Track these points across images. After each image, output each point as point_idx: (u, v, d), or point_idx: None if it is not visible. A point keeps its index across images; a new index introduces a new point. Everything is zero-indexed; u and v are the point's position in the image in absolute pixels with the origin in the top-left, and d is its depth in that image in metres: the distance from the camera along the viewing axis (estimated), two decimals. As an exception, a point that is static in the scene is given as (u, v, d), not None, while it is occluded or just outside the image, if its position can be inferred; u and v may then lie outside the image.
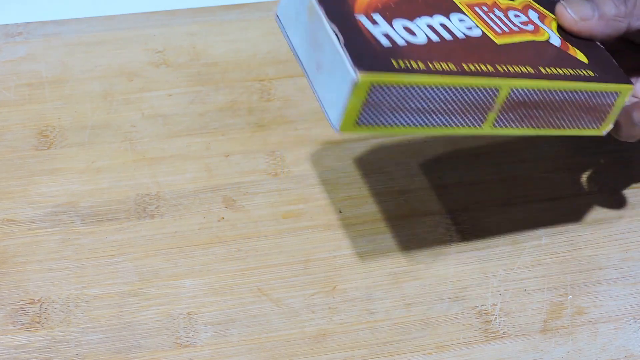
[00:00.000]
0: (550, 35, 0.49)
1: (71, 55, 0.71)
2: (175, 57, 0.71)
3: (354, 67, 0.41)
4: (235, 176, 0.62)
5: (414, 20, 0.45)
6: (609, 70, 0.49)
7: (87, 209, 0.59)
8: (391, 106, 0.43)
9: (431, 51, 0.44)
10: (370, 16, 0.44)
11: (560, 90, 0.47)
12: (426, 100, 0.43)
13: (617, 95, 0.48)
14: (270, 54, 0.72)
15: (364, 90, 0.41)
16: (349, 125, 0.42)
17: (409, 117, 0.44)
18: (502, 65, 0.45)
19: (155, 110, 0.67)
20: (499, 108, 0.46)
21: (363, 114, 0.42)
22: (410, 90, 0.43)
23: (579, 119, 0.49)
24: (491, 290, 0.55)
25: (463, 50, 0.45)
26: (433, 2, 0.47)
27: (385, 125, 0.43)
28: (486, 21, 0.48)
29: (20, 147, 0.63)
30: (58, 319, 0.53)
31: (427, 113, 0.44)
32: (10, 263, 0.56)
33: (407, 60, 0.43)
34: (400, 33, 0.44)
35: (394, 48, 0.43)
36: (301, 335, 0.53)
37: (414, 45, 0.44)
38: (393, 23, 0.44)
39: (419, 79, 0.42)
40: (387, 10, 0.45)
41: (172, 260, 0.56)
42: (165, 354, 0.51)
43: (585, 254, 0.57)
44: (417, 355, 0.52)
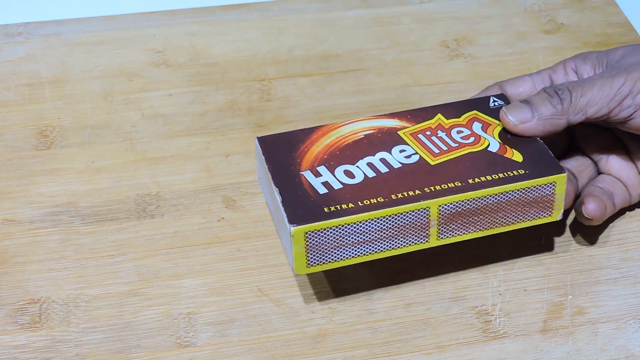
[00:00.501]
0: (489, 143, 0.54)
1: (71, 55, 0.71)
2: (175, 57, 0.71)
3: (288, 221, 0.49)
4: (235, 176, 0.62)
5: (356, 163, 0.52)
6: (543, 164, 0.52)
7: (87, 209, 0.59)
8: (332, 245, 0.50)
9: (363, 189, 0.51)
10: (315, 170, 0.52)
11: (490, 195, 0.51)
12: (362, 233, 0.50)
13: (554, 185, 0.52)
14: (270, 54, 0.72)
15: (301, 239, 0.49)
16: (302, 268, 0.50)
17: (352, 250, 0.50)
18: (430, 187, 0.51)
19: (155, 110, 0.67)
20: (437, 223, 0.51)
21: (310, 256, 0.50)
22: (343, 229, 0.49)
23: (525, 213, 0.52)
24: (491, 290, 0.55)
25: (395, 180, 0.51)
26: (378, 140, 0.54)
27: (334, 261, 0.50)
28: (426, 145, 0.53)
29: (20, 147, 0.64)
30: (58, 319, 0.53)
31: (369, 243, 0.50)
32: (10, 263, 0.56)
33: (338, 204, 0.50)
34: (339, 178, 0.51)
35: (329, 194, 0.50)
36: (301, 335, 0.53)
37: (349, 185, 0.51)
38: (335, 170, 0.52)
39: (347, 219, 0.49)
40: (332, 159, 0.53)
41: (172, 260, 0.56)
42: (165, 354, 0.52)
43: (585, 254, 0.57)
44: (417, 355, 0.52)
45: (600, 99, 0.53)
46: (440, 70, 0.70)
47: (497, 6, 0.77)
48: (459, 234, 0.52)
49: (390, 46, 0.73)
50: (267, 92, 0.68)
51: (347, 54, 0.72)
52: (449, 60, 0.71)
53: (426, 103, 0.67)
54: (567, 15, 0.76)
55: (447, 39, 0.73)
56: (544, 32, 0.74)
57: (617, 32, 0.74)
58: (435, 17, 0.76)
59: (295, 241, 0.49)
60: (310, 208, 0.50)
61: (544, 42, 0.73)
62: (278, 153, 0.53)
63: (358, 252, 0.51)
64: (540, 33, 0.74)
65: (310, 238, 0.49)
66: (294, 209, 0.50)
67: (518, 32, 0.74)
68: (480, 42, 0.73)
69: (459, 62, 0.71)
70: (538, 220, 0.53)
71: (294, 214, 0.49)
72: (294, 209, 0.50)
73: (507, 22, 0.75)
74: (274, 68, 0.70)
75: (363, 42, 0.73)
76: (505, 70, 0.70)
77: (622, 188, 0.57)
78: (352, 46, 0.73)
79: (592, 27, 0.75)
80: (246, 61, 0.71)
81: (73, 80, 0.69)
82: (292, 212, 0.49)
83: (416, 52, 0.72)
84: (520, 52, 0.72)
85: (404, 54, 0.72)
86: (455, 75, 0.70)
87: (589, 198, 0.55)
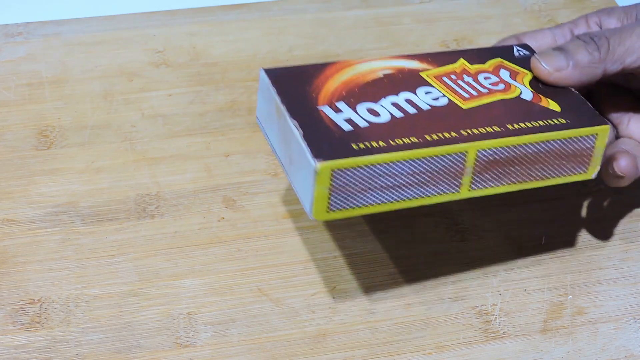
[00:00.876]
0: (521, 91, 0.50)
1: (71, 55, 0.71)
2: (175, 57, 0.71)
3: (313, 157, 0.43)
4: (235, 176, 0.62)
5: (378, 102, 0.48)
6: (582, 114, 0.49)
7: (87, 209, 0.59)
8: (359, 188, 0.45)
9: (393, 128, 0.46)
10: (334, 105, 0.47)
11: (531, 143, 0.48)
12: (393, 176, 0.45)
13: (595, 137, 0.49)
14: (270, 54, 0.72)
15: (326, 178, 0.44)
16: (321, 213, 0.45)
17: (380, 195, 0.46)
18: (467, 130, 0.47)
19: (155, 110, 0.67)
20: (472, 171, 0.47)
21: (333, 200, 0.45)
22: (374, 170, 0.45)
23: (561, 167, 0.49)
24: (491, 290, 0.55)
25: (427, 121, 0.47)
26: (399, 80, 0.49)
27: (359, 207, 0.45)
28: (454, 89, 0.50)
29: (20, 147, 0.63)
30: (58, 319, 0.53)
31: (398, 188, 0.46)
32: (10, 263, 0.56)
33: (367, 141, 0.45)
34: (363, 116, 0.46)
35: (355, 131, 0.45)
36: (301, 335, 0.53)
37: (376, 124, 0.46)
38: (357, 107, 0.47)
39: (380, 157, 0.44)
40: (352, 96, 0.48)
41: (172, 260, 0.56)
42: (165, 354, 0.51)
43: (585, 254, 0.57)
44: (417, 355, 0.52)
45: (639, 47, 0.50)
46: (440, 70, 0.70)
47: (497, 6, 0.77)
48: (493, 185, 0.48)
49: (390, 46, 0.73)
50: (267, 92, 0.68)
51: (347, 54, 0.72)
52: (449, 60, 0.71)
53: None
54: (567, 15, 0.76)
55: (447, 39, 0.73)
56: (544, 32, 0.74)
57: (617, 32, 0.74)
58: (435, 17, 0.76)
59: (319, 180, 0.43)
60: (337, 144, 0.44)
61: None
62: (289, 86, 0.47)
63: (385, 198, 0.45)
64: (540, 33, 0.74)
65: (337, 177, 0.44)
66: (319, 143, 0.44)
67: (518, 32, 0.74)
68: (480, 42, 0.73)
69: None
70: (573, 176, 0.50)
71: (319, 149, 0.43)
72: (318, 144, 0.44)
73: (507, 22, 0.75)
74: (274, 68, 0.70)
75: (363, 42, 0.73)
76: (505, 70, 0.70)
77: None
78: (352, 46, 0.73)
79: (592, 27, 0.75)
80: (246, 61, 0.71)
81: (73, 80, 0.69)
82: (317, 147, 0.43)
83: (416, 52, 0.72)
84: (520, 52, 0.72)
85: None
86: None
87: (620, 154, 0.51)
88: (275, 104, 0.47)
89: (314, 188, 0.44)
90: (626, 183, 0.52)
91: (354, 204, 0.45)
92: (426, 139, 0.46)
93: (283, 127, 0.47)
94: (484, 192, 0.48)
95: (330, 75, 0.49)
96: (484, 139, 0.46)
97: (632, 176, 0.52)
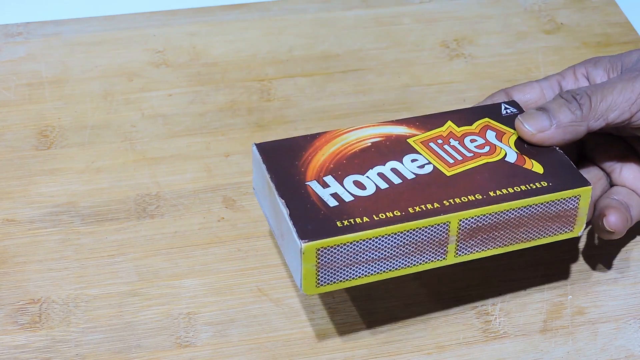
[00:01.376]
0: (506, 153, 0.51)
1: (71, 55, 0.71)
2: (175, 57, 0.71)
3: (299, 237, 0.45)
4: (235, 176, 0.62)
5: (365, 173, 0.49)
6: (565, 176, 0.50)
7: (87, 209, 0.59)
8: (345, 263, 0.46)
9: (377, 202, 0.47)
10: (322, 180, 0.48)
11: (513, 208, 0.48)
12: (378, 250, 0.47)
13: (578, 198, 0.49)
14: (270, 54, 0.72)
15: (312, 256, 0.45)
16: (311, 288, 0.47)
17: (367, 268, 0.47)
18: (450, 200, 0.48)
19: (155, 110, 0.67)
20: (456, 239, 0.48)
21: (321, 275, 0.46)
22: (358, 245, 0.46)
23: (547, 228, 0.50)
24: (491, 290, 0.55)
25: (410, 192, 0.48)
26: (387, 149, 0.50)
27: (347, 280, 0.47)
28: (439, 154, 0.50)
29: (20, 147, 0.63)
30: (58, 319, 0.53)
31: (384, 260, 0.47)
32: (10, 263, 0.56)
33: (352, 218, 0.46)
34: (349, 189, 0.48)
35: (340, 206, 0.47)
36: (301, 335, 0.53)
37: (361, 198, 0.47)
38: (344, 181, 0.48)
39: (363, 234, 0.46)
40: (340, 169, 0.49)
41: (172, 260, 0.56)
42: (165, 354, 0.51)
43: (585, 254, 0.57)
44: (417, 355, 0.52)
45: (621, 103, 0.50)
46: (440, 70, 0.70)
47: (497, 6, 0.77)
48: (477, 251, 0.49)
49: (390, 46, 0.73)
50: (267, 92, 0.68)
51: (347, 54, 0.72)
52: (449, 60, 0.71)
53: (426, 103, 0.67)
54: (567, 15, 0.76)
55: (447, 39, 0.73)
56: (544, 32, 0.74)
57: (617, 32, 0.74)
58: (435, 17, 0.76)
59: (305, 259, 0.45)
60: (322, 222, 0.46)
61: (544, 42, 0.73)
62: (279, 161, 0.49)
63: (371, 270, 0.47)
64: (540, 33, 0.74)
65: (323, 255, 0.45)
66: (304, 223, 0.46)
67: (518, 32, 0.74)
68: (480, 42, 0.73)
69: (459, 62, 0.71)
70: (559, 236, 0.50)
71: (304, 229, 0.45)
72: (303, 224, 0.46)
73: (507, 22, 0.75)
74: (274, 68, 0.70)
75: (363, 42, 0.73)
76: (505, 70, 0.70)
77: (638, 200, 0.54)
78: (352, 46, 0.73)
79: (592, 27, 0.75)
80: (246, 61, 0.71)
81: (73, 80, 0.69)
82: (302, 226, 0.45)
83: (416, 52, 0.72)
84: (520, 52, 0.72)
85: (404, 54, 0.72)
86: (455, 75, 0.70)
87: (610, 210, 0.52)
88: (266, 180, 0.49)
89: (301, 266, 0.46)
90: (618, 237, 0.53)
91: (341, 278, 0.47)
92: (409, 211, 0.47)
93: (273, 203, 0.49)
94: (471, 257, 0.49)
95: (320, 147, 0.51)
96: (465, 209, 0.47)
97: (622, 231, 0.52)
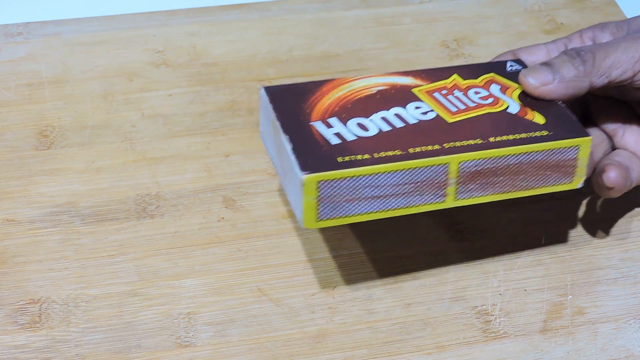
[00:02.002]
0: (509, 105, 0.52)
1: (71, 55, 0.71)
2: (175, 57, 0.71)
3: (300, 169, 0.47)
4: (235, 176, 0.62)
5: (369, 117, 0.50)
6: (566, 127, 0.51)
7: (87, 209, 0.59)
8: (345, 198, 0.48)
9: (379, 142, 0.49)
10: (326, 121, 0.50)
11: (512, 154, 0.49)
12: (378, 187, 0.48)
13: (578, 149, 0.50)
14: (270, 54, 0.72)
15: (312, 189, 0.47)
16: (311, 221, 0.48)
17: (366, 205, 0.48)
18: (450, 143, 0.49)
19: (155, 110, 0.67)
20: (456, 182, 0.49)
21: (321, 209, 0.47)
22: (359, 181, 0.47)
23: (546, 178, 0.51)
24: (491, 290, 0.55)
25: (412, 135, 0.49)
26: (391, 96, 0.52)
27: (346, 216, 0.48)
28: (442, 103, 0.52)
29: (20, 147, 0.64)
30: (58, 319, 0.53)
31: (384, 198, 0.48)
32: (10, 263, 0.56)
33: (352, 155, 0.48)
34: (352, 130, 0.49)
35: (342, 144, 0.48)
36: (301, 335, 0.53)
37: (363, 138, 0.49)
38: (348, 123, 0.50)
39: (362, 170, 0.47)
40: (344, 112, 0.51)
41: (172, 260, 0.56)
42: (165, 354, 0.52)
43: (585, 254, 0.57)
44: (417, 355, 0.52)
45: (625, 61, 0.51)
46: (440, 70, 0.70)
47: (497, 6, 0.77)
48: (476, 195, 0.50)
49: (390, 46, 0.73)
50: (267, 92, 0.68)
51: (347, 54, 0.72)
52: (449, 60, 0.71)
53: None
54: (567, 15, 0.76)
55: (447, 39, 0.73)
56: (544, 32, 0.74)
57: (617, 32, 0.74)
58: (435, 17, 0.76)
59: (306, 191, 0.47)
60: (323, 157, 0.47)
61: (544, 42, 0.73)
62: (286, 103, 0.51)
63: (371, 207, 0.48)
64: (540, 33, 0.74)
65: (323, 188, 0.47)
66: (306, 157, 0.47)
67: (518, 32, 0.74)
68: (480, 42, 0.73)
69: (459, 62, 0.71)
70: (558, 186, 0.51)
71: (305, 162, 0.47)
72: (305, 157, 0.47)
73: (507, 22, 0.75)
74: (274, 68, 0.70)
75: (363, 42, 0.73)
76: (505, 70, 0.70)
77: (639, 163, 0.55)
78: (352, 46, 0.73)
79: (592, 27, 0.75)
80: (246, 61, 0.71)
81: (73, 80, 0.69)
82: (304, 160, 0.47)
83: (416, 52, 0.72)
84: (520, 52, 0.72)
85: (404, 54, 0.72)
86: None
87: (610, 166, 0.53)
88: (272, 120, 0.51)
89: (302, 198, 0.47)
90: (616, 194, 0.53)
91: (341, 214, 0.48)
92: (409, 152, 0.48)
93: (278, 141, 0.50)
94: (470, 201, 0.50)
95: (326, 92, 0.52)
96: (465, 152, 0.49)
97: (621, 188, 0.53)
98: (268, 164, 0.62)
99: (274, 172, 0.62)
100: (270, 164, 0.62)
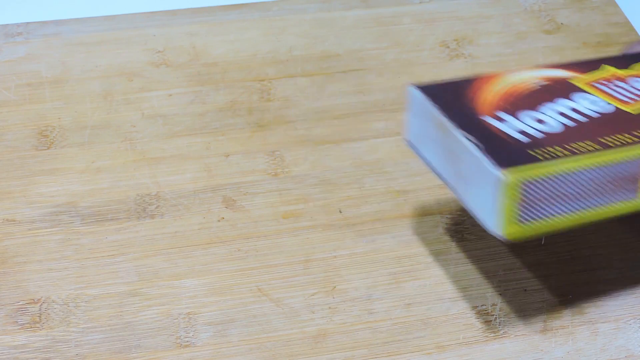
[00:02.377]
0: None
1: (71, 55, 0.71)
2: (175, 57, 0.71)
3: (499, 168, 0.41)
4: (235, 176, 0.62)
5: (539, 110, 0.46)
6: None
7: (87, 209, 0.59)
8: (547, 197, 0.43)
9: (568, 135, 0.44)
10: (495, 115, 0.45)
11: None
12: (576, 184, 0.43)
13: None
14: (270, 54, 0.72)
15: (513, 187, 0.41)
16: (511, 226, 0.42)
17: (563, 207, 0.43)
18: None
19: (155, 110, 0.67)
20: None
21: (523, 211, 0.42)
22: (561, 177, 0.43)
23: None
24: (491, 290, 0.55)
25: (599, 127, 0.45)
26: (552, 88, 0.48)
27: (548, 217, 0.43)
28: (612, 95, 0.48)
29: (20, 147, 0.63)
30: (58, 319, 0.53)
31: (579, 198, 0.44)
32: (10, 263, 0.56)
33: (544, 148, 0.43)
34: (532, 125, 0.45)
35: (532, 142, 0.43)
36: (301, 335, 0.53)
37: (551, 134, 0.44)
38: (520, 116, 0.45)
39: (565, 165, 0.42)
40: (510, 106, 0.46)
41: (172, 260, 0.56)
42: (165, 354, 0.52)
43: (585, 254, 0.57)
44: (417, 355, 0.52)
45: None
46: (441, 70, 0.70)
47: (497, 6, 0.77)
48: None
49: (390, 46, 0.73)
50: (267, 92, 0.68)
51: (347, 54, 0.72)
52: (449, 60, 0.71)
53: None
54: (567, 15, 0.76)
55: (447, 39, 0.73)
56: (544, 32, 0.74)
57: (617, 32, 0.74)
58: (435, 17, 0.76)
59: (508, 192, 0.41)
60: (515, 152, 0.42)
61: (544, 42, 0.73)
62: (446, 100, 0.46)
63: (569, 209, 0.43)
64: (540, 33, 0.74)
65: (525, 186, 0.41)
66: (498, 153, 0.42)
67: (518, 32, 0.74)
68: (480, 42, 0.73)
69: (459, 62, 0.71)
70: None
71: (499, 159, 0.41)
72: (497, 154, 0.42)
73: (507, 22, 0.75)
74: (274, 68, 0.70)
75: (363, 42, 0.73)
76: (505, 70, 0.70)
77: None
78: (352, 46, 0.73)
79: (592, 27, 0.75)
80: (246, 61, 0.71)
81: (73, 80, 0.69)
82: (497, 156, 0.41)
83: (416, 52, 0.72)
84: (521, 52, 0.72)
85: (404, 54, 0.72)
86: (456, 75, 0.70)
87: None
88: (435, 120, 0.45)
89: (498, 200, 0.42)
90: None
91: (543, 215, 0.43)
92: (604, 143, 0.44)
93: (449, 142, 0.45)
94: None
95: (480, 87, 0.48)
96: None
97: None
98: (268, 164, 0.62)
99: (274, 172, 0.62)
100: (270, 164, 0.62)
